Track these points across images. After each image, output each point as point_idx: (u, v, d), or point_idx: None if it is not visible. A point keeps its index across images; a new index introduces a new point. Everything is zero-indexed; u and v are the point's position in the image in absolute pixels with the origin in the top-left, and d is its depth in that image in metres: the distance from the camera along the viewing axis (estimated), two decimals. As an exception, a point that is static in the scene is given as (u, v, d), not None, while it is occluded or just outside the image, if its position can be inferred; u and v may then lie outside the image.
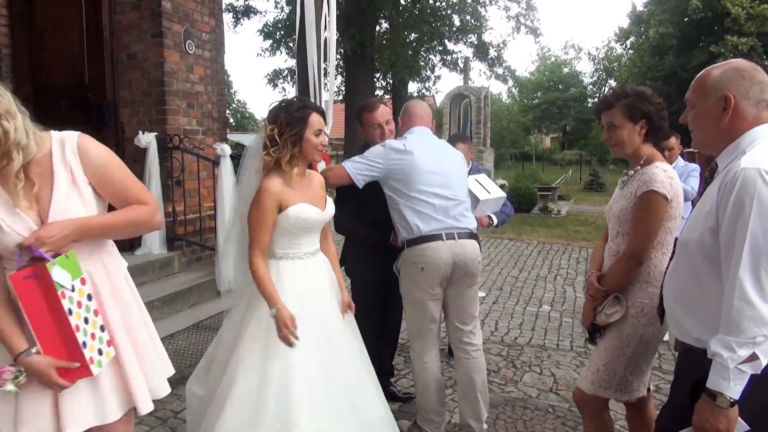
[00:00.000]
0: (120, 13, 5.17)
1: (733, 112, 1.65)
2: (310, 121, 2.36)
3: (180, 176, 5.31)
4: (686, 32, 25.69)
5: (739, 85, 1.65)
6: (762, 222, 1.51)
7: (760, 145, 1.62)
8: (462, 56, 20.85)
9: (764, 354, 1.52)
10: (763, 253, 1.51)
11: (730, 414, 1.54)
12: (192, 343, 4.11)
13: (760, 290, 1.51)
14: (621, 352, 2.29)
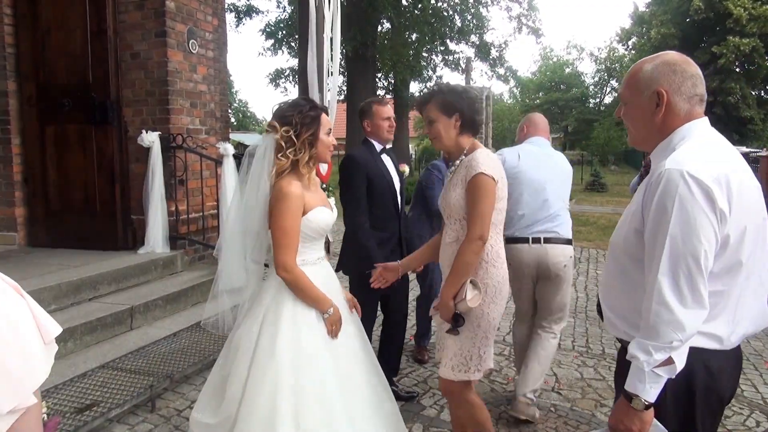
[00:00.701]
0: (124, 12, 5.18)
1: (666, 108, 1.61)
2: (322, 121, 2.34)
3: (183, 175, 5.32)
4: (688, 33, 25.69)
5: (672, 80, 1.61)
6: (682, 226, 1.46)
7: (689, 142, 1.58)
8: (464, 56, 20.88)
9: (680, 359, 1.49)
10: (681, 257, 1.47)
11: (645, 416, 1.54)
12: (194, 342, 4.11)
13: (679, 295, 1.47)
14: (473, 333, 2.40)
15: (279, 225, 2.23)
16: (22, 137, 5.30)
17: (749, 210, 1.54)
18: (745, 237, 1.53)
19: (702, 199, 1.45)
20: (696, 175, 1.46)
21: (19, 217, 5.35)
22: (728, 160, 1.55)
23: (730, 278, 1.55)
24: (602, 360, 4.39)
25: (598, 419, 3.42)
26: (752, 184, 1.58)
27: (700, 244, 1.45)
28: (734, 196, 1.48)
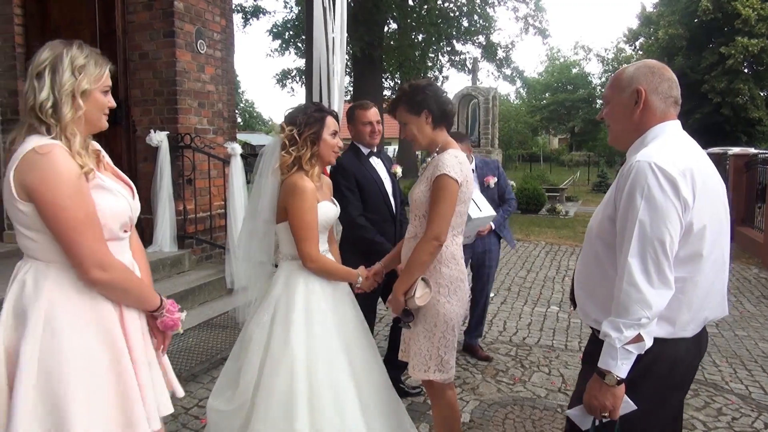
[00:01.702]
0: (132, 12, 5.21)
1: (644, 106, 1.73)
2: (326, 122, 2.45)
3: (191, 175, 5.35)
4: (696, 33, 25.57)
5: (650, 81, 1.74)
6: (649, 212, 1.57)
7: (660, 139, 1.71)
8: (470, 57, 20.88)
9: (649, 336, 1.60)
10: (649, 241, 1.58)
11: (617, 392, 1.63)
12: (202, 341, 4.13)
13: (647, 275, 1.58)
14: (431, 333, 2.42)
15: (299, 219, 2.34)
16: (32, 136, 5.33)
17: (711, 203, 1.66)
18: (708, 227, 1.64)
19: (668, 188, 1.57)
20: (663, 167, 1.58)
21: (29, 215, 5.38)
22: (694, 158, 1.67)
23: (694, 265, 1.65)
24: (609, 361, 4.37)
25: (605, 420, 3.41)
26: (716, 180, 1.72)
27: (666, 229, 1.57)
28: (698, 189, 1.60)
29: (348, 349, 2.38)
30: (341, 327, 2.41)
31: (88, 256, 1.59)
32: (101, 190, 1.67)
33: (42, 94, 1.60)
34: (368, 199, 3.34)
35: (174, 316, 1.82)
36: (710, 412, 3.56)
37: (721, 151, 11.21)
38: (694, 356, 1.76)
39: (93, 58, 1.68)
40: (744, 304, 6.00)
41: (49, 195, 1.54)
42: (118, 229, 1.73)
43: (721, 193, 1.74)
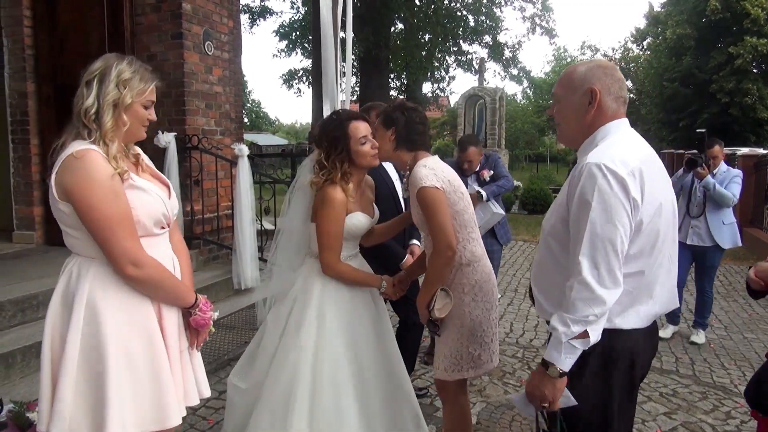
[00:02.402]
0: (140, 14, 5.24)
1: (597, 106, 1.75)
2: (351, 132, 2.38)
3: (198, 176, 5.37)
4: (704, 33, 25.40)
5: (603, 81, 1.75)
6: (600, 213, 1.61)
7: (609, 138, 1.74)
8: (477, 57, 20.81)
9: (595, 333, 1.63)
10: (599, 240, 1.61)
11: (558, 384, 1.68)
12: (209, 341, 4.13)
13: (597, 274, 1.61)
14: (459, 334, 2.44)
15: (323, 228, 2.37)
16: (41, 137, 5.37)
17: (659, 200, 1.71)
18: (657, 224, 1.70)
19: (618, 189, 1.60)
20: (613, 168, 1.61)
21: (37, 216, 5.42)
22: (642, 156, 1.72)
23: (646, 259, 1.70)
24: (616, 363, 4.36)
25: (613, 423, 3.40)
26: (661, 174, 1.78)
27: (616, 229, 1.61)
28: (646, 187, 1.65)
29: (357, 350, 2.40)
30: (353, 328, 2.43)
31: (122, 253, 1.71)
32: (135, 190, 1.78)
33: (88, 100, 1.75)
34: (379, 203, 3.32)
35: (206, 315, 1.91)
36: (719, 415, 3.54)
37: (730, 152, 11.14)
38: (648, 348, 1.81)
39: (140, 74, 1.80)
40: (753, 307, 5.96)
41: (83, 196, 1.67)
42: (153, 226, 1.83)
43: (666, 185, 1.80)
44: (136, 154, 1.93)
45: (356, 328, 2.45)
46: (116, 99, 1.75)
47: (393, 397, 2.51)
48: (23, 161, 5.37)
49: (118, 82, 1.75)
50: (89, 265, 1.78)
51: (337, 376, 2.32)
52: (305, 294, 2.44)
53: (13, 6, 5.22)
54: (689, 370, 4.29)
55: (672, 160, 19.55)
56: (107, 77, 1.75)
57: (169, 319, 1.86)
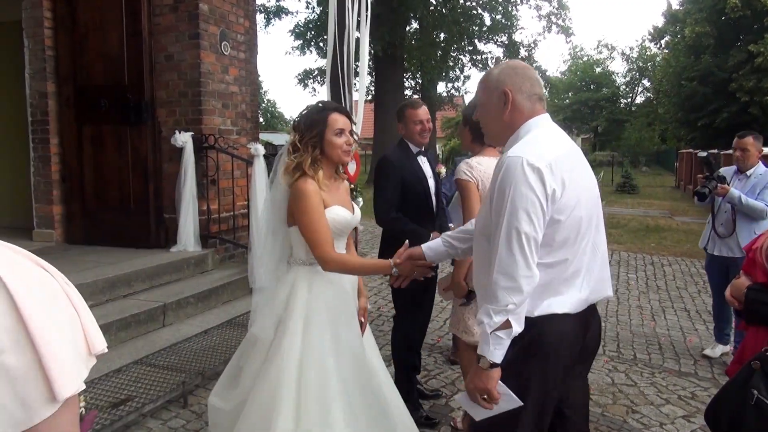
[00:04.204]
0: (158, 15, 5.29)
1: (511, 106, 1.83)
2: (329, 121, 2.33)
3: (215, 175, 5.41)
4: (724, 31, 25.04)
5: (514, 81, 1.83)
6: (516, 205, 1.67)
7: (531, 134, 1.82)
8: (492, 56, 20.74)
9: (517, 322, 1.69)
10: (515, 232, 1.67)
11: (492, 374, 1.73)
12: (225, 339, 4.18)
13: (514, 264, 1.67)
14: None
15: (305, 223, 2.27)
16: (60, 137, 5.44)
17: (581, 191, 1.78)
18: (579, 214, 1.75)
19: (534, 181, 1.67)
20: (531, 160, 1.68)
21: (57, 214, 5.50)
22: (562, 150, 1.79)
23: (570, 248, 1.76)
24: (634, 365, 4.32)
25: (630, 425, 3.37)
26: (582, 166, 1.86)
27: (531, 220, 1.67)
28: (566, 179, 1.71)
29: (343, 363, 2.28)
30: (340, 339, 2.31)
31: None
32: None
33: None
34: (412, 198, 3.34)
35: None
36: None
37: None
38: (578, 333, 1.84)
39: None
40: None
41: None
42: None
43: (591, 181, 1.87)
44: None
45: (343, 339, 2.32)
46: None
47: (383, 411, 2.38)
48: (43, 161, 5.45)
49: None
50: None
51: (323, 390, 2.20)
52: (289, 304, 2.31)
53: (33, 7, 5.30)
54: (708, 373, 4.23)
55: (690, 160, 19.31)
56: None
57: None
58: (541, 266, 1.72)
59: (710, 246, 4.46)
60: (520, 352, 1.75)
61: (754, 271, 1.99)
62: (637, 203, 17.04)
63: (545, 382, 1.79)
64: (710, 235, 4.46)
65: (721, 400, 1.92)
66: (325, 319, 2.30)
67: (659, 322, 5.48)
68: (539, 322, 1.75)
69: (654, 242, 10.07)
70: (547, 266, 1.73)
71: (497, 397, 1.77)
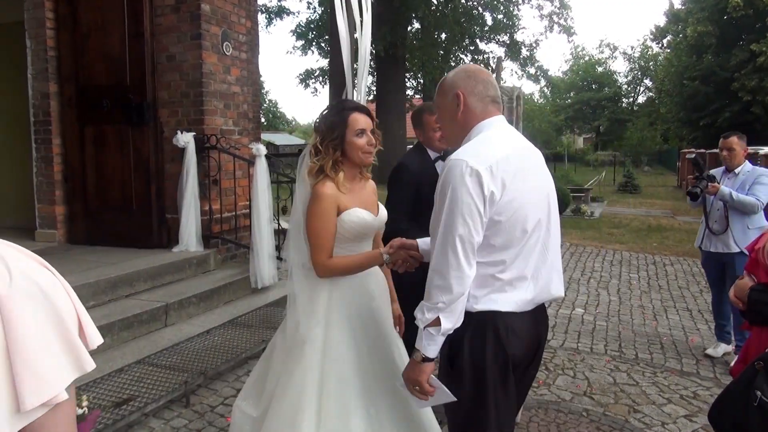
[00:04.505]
0: (160, 15, 5.29)
1: (464, 107, 1.88)
2: (349, 122, 2.29)
3: (216, 175, 5.41)
4: (726, 30, 25.02)
5: (467, 84, 1.88)
6: (452, 207, 1.71)
7: (480, 135, 1.85)
8: (494, 56, 20.72)
9: (448, 320, 1.73)
10: (450, 232, 1.72)
11: (423, 368, 1.80)
12: (227, 339, 4.18)
13: (446, 264, 1.72)
14: None
15: (309, 226, 2.26)
16: (63, 138, 5.46)
17: (527, 188, 1.79)
18: (524, 214, 1.77)
19: (471, 183, 1.70)
20: (470, 163, 1.71)
21: (59, 215, 5.51)
22: (509, 149, 1.80)
23: (515, 249, 1.77)
24: (635, 365, 4.31)
25: (632, 425, 3.37)
26: (533, 166, 1.88)
27: (465, 222, 1.70)
28: (510, 180, 1.73)
29: (365, 367, 2.25)
30: (361, 343, 2.27)
31: None
32: None
33: None
34: (425, 203, 3.20)
35: None
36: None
37: (752, 151, 10.96)
38: (527, 335, 1.85)
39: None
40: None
41: None
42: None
43: (542, 182, 1.89)
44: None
45: (365, 342, 2.29)
46: None
47: (405, 415, 2.33)
48: (45, 161, 5.46)
49: None
50: None
51: (345, 395, 2.18)
52: (310, 307, 2.28)
53: (36, 8, 5.31)
54: (710, 372, 4.23)
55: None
56: None
57: None
58: (483, 265, 1.76)
59: (705, 244, 4.54)
60: (462, 350, 1.80)
61: (757, 271, 1.99)
62: (639, 203, 17.02)
63: (484, 380, 1.81)
64: (705, 233, 4.53)
65: (724, 401, 1.91)
66: (347, 321, 2.28)
67: (661, 321, 5.48)
68: (480, 320, 1.79)
69: (656, 242, 10.06)
70: (489, 265, 1.77)
71: (428, 390, 1.83)
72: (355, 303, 2.33)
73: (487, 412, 1.82)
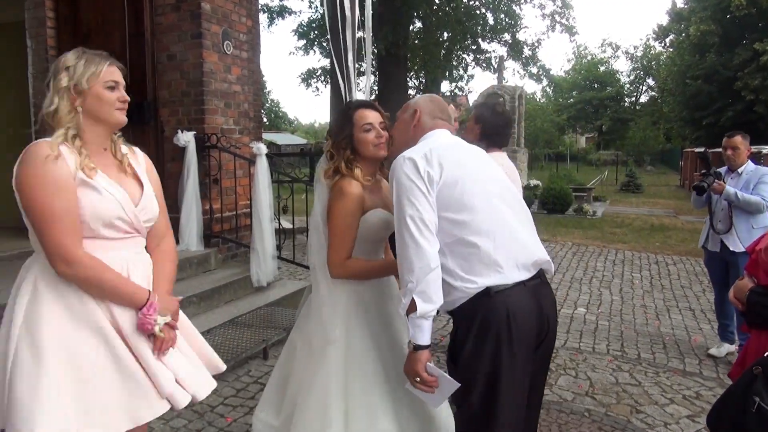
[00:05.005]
0: (160, 15, 5.28)
1: (417, 122, 2.17)
2: (355, 119, 2.30)
3: (217, 174, 5.40)
4: (728, 29, 24.95)
5: (425, 105, 2.20)
6: (400, 192, 1.91)
7: (423, 141, 2.11)
8: (496, 55, 20.69)
9: (422, 301, 1.80)
10: (402, 217, 1.89)
11: (419, 356, 1.87)
12: (228, 339, 4.17)
13: (405, 246, 1.85)
14: None
15: (332, 223, 2.24)
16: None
17: (469, 171, 1.96)
18: (470, 192, 1.90)
19: (409, 169, 1.91)
20: (407, 154, 1.96)
21: (60, 214, 5.49)
22: (444, 142, 2.06)
23: (466, 227, 1.88)
24: (638, 365, 4.29)
25: (634, 425, 3.35)
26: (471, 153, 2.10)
27: (412, 204, 1.87)
28: (446, 163, 1.92)
29: (388, 369, 2.23)
30: (382, 345, 2.26)
31: (55, 249, 1.68)
32: (86, 189, 1.73)
33: (46, 101, 1.77)
34: None
35: (148, 318, 1.78)
36: None
37: (755, 150, 10.92)
38: (527, 303, 1.89)
39: (85, 58, 1.80)
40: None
41: (25, 187, 1.68)
42: (101, 228, 1.76)
43: (484, 163, 2.08)
44: (124, 153, 1.92)
45: (385, 344, 2.27)
46: (66, 86, 1.74)
47: (429, 417, 2.31)
48: (46, 160, 5.45)
49: (63, 71, 1.75)
50: (36, 260, 1.78)
51: (371, 396, 2.17)
52: (330, 309, 2.26)
53: (36, 7, 5.30)
54: (713, 372, 4.21)
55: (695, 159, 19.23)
56: (56, 73, 1.76)
57: (123, 318, 1.78)
58: (449, 246, 1.88)
59: (710, 243, 4.52)
60: (469, 332, 1.85)
61: (757, 272, 1.97)
62: (642, 202, 16.98)
63: (495, 360, 1.83)
64: (709, 232, 4.51)
65: (722, 406, 1.89)
66: (367, 323, 2.26)
67: (663, 321, 5.45)
68: (474, 302, 1.85)
69: (658, 241, 10.03)
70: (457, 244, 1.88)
71: (428, 380, 1.87)
72: (374, 305, 2.31)
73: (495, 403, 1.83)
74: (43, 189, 1.65)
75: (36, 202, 1.66)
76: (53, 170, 1.66)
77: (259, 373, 3.92)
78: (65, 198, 1.67)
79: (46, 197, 1.65)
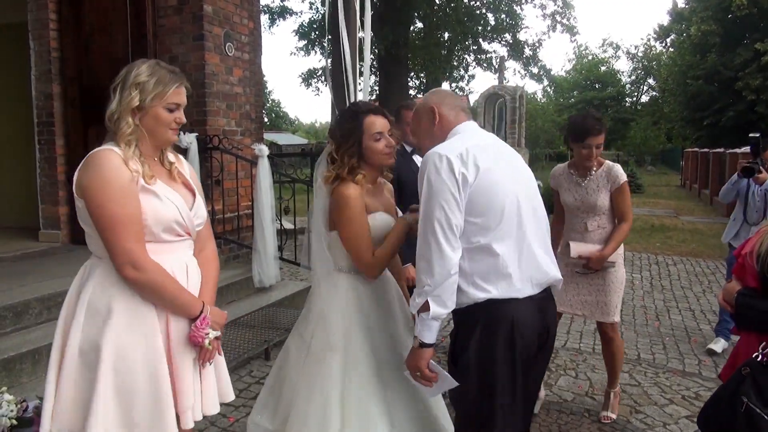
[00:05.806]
0: (163, 17, 5.30)
1: (439, 118, 2.06)
2: (365, 126, 2.21)
3: (219, 176, 5.42)
4: (730, 29, 24.95)
5: (438, 99, 2.10)
6: (429, 193, 1.84)
7: (456, 136, 2.01)
8: (497, 56, 20.70)
9: (436, 303, 1.80)
10: (428, 218, 1.83)
11: (423, 354, 1.88)
12: (230, 340, 4.19)
13: (428, 248, 1.81)
14: (621, 285, 3.32)
15: (345, 233, 2.19)
16: (66, 138, 5.47)
17: (499, 175, 1.89)
18: (502, 197, 1.86)
19: (443, 169, 1.82)
20: (440, 151, 1.86)
21: (63, 215, 5.53)
22: (479, 142, 1.94)
23: (493, 233, 1.84)
24: (637, 365, 4.31)
25: (634, 425, 3.37)
26: (506, 156, 2.00)
27: (441, 206, 1.81)
28: (482, 164, 1.84)
29: (385, 375, 2.22)
30: (380, 351, 2.24)
31: (122, 254, 1.71)
32: (148, 194, 1.78)
33: (112, 106, 1.79)
34: (409, 196, 3.35)
35: (199, 332, 1.82)
36: None
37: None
38: (533, 316, 1.89)
39: (158, 76, 1.79)
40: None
41: (93, 193, 1.71)
42: (161, 232, 1.81)
43: (517, 171, 2.00)
44: (170, 162, 1.94)
45: (383, 351, 2.26)
46: (133, 103, 1.77)
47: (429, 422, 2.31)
48: (49, 162, 5.48)
49: (134, 87, 1.77)
50: (97, 265, 1.81)
51: (367, 404, 2.15)
52: (328, 315, 2.24)
53: (39, 9, 5.33)
54: (712, 372, 4.23)
55: (696, 159, 19.22)
56: (126, 82, 1.78)
57: (177, 327, 1.83)
58: (470, 251, 1.83)
59: (740, 238, 4.39)
60: (473, 336, 1.85)
61: (744, 275, 1.98)
62: (643, 202, 16.97)
63: (494, 366, 1.84)
64: (741, 227, 4.44)
65: (712, 407, 1.91)
66: (365, 329, 2.24)
67: (663, 321, 5.47)
68: (486, 308, 1.84)
69: (659, 242, 10.04)
70: (478, 250, 1.83)
71: (429, 376, 1.89)
72: (373, 312, 2.29)
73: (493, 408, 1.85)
74: (111, 195, 1.69)
75: (104, 208, 1.69)
76: (118, 177, 1.71)
77: (261, 374, 3.95)
78: (131, 204, 1.72)
79: (114, 204, 1.69)
